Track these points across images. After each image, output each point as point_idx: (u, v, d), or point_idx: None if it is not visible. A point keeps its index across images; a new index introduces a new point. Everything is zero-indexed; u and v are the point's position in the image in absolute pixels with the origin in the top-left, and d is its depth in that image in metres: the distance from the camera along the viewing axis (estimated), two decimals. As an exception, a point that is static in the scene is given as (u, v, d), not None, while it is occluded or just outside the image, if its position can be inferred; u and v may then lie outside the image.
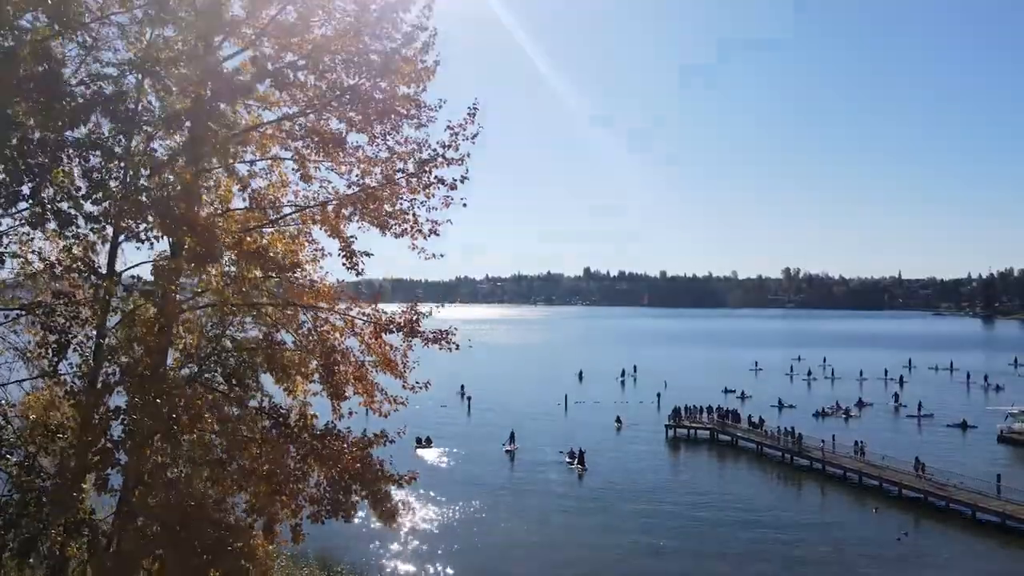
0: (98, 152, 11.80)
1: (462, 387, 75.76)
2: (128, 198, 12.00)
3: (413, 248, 15.26)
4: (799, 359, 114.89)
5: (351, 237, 15.43)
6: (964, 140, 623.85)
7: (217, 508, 13.28)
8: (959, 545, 35.21)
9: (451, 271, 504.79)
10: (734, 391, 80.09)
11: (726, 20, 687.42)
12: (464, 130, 15.02)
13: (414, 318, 15.11)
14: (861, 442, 46.50)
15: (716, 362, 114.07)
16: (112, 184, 12.11)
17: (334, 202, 15.46)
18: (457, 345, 14.87)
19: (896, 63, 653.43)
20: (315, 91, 14.83)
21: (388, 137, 15.22)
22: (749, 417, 55.78)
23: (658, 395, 73.61)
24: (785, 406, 70.83)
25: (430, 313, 15.25)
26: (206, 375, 14.95)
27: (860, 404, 72.18)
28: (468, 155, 14.96)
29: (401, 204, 15.16)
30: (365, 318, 15.08)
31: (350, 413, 14.70)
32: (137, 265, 13.27)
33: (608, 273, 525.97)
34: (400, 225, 15.40)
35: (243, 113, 15.10)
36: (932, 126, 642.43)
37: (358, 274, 14.75)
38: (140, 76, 12.92)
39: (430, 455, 50.41)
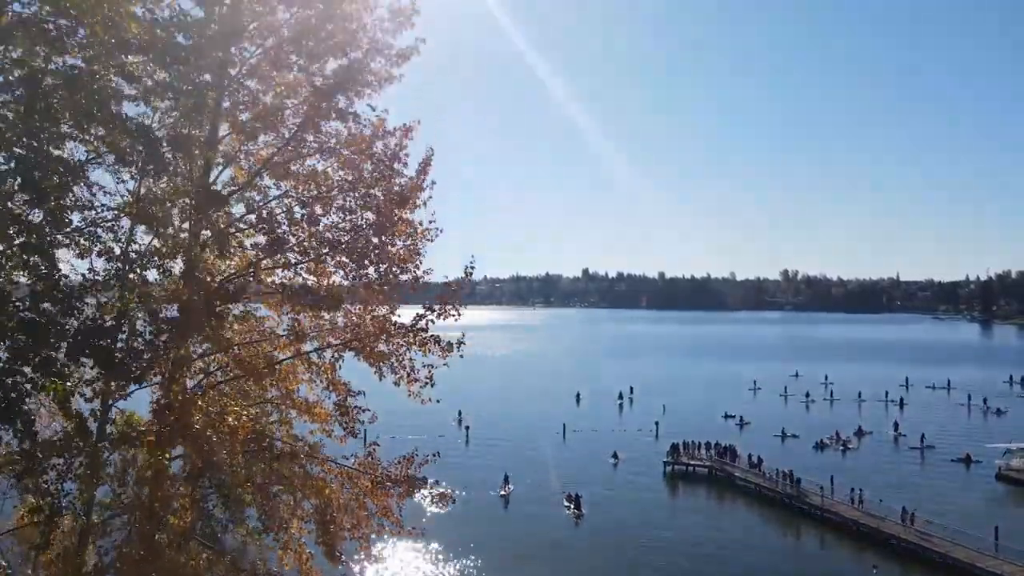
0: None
1: (459, 413, 75.53)
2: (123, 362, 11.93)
3: (410, 395, 15.09)
4: (796, 375, 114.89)
5: (349, 389, 15.32)
6: (962, 141, 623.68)
7: None
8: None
9: (449, 272, 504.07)
10: (733, 416, 79.95)
11: (726, 21, 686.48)
12: (461, 289, 15.05)
13: (411, 472, 15.04)
14: (860, 490, 46.30)
15: (714, 379, 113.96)
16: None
17: (329, 349, 15.34)
18: (454, 499, 14.80)
19: (896, 65, 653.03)
20: (311, 239, 14.70)
21: (384, 283, 15.11)
22: (749, 456, 55.61)
23: (656, 423, 73.40)
24: (788, 436, 70.54)
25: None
26: (200, 490, 14.89)
27: (859, 433, 71.94)
28: (464, 304, 14.85)
29: (396, 349, 15.05)
30: (361, 469, 14.93)
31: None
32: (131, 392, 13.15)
33: (607, 274, 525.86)
34: (395, 371, 15.33)
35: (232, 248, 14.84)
36: (931, 126, 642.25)
37: (354, 436, 14.60)
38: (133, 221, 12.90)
39: (426, 498, 50.12)
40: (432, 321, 14.96)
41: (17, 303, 10.45)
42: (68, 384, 10.65)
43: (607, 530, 44.41)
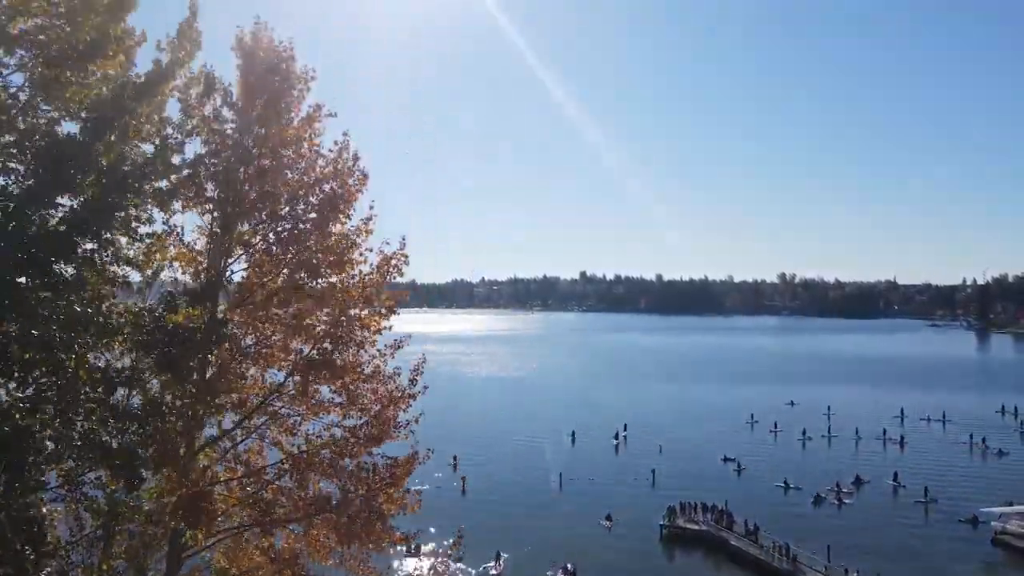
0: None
1: (454, 459, 75.03)
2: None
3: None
4: (792, 404, 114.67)
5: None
6: (961, 142, 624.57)
7: None
8: None
9: (447, 273, 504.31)
10: (732, 460, 79.34)
11: (725, 21, 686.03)
12: (450, 557, 14.92)
13: None
14: (857, 572, 45.90)
15: (712, 409, 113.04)
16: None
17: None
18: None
19: (893, 67, 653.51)
20: (301, 500, 14.43)
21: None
22: (746, 523, 55.24)
23: (653, 471, 72.92)
24: (790, 487, 69.50)
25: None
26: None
27: (858, 481, 71.14)
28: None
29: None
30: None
31: None
32: None
33: (604, 276, 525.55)
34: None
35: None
36: (929, 128, 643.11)
37: None
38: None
39: (417, 568, 49.49)
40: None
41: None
42: None
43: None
